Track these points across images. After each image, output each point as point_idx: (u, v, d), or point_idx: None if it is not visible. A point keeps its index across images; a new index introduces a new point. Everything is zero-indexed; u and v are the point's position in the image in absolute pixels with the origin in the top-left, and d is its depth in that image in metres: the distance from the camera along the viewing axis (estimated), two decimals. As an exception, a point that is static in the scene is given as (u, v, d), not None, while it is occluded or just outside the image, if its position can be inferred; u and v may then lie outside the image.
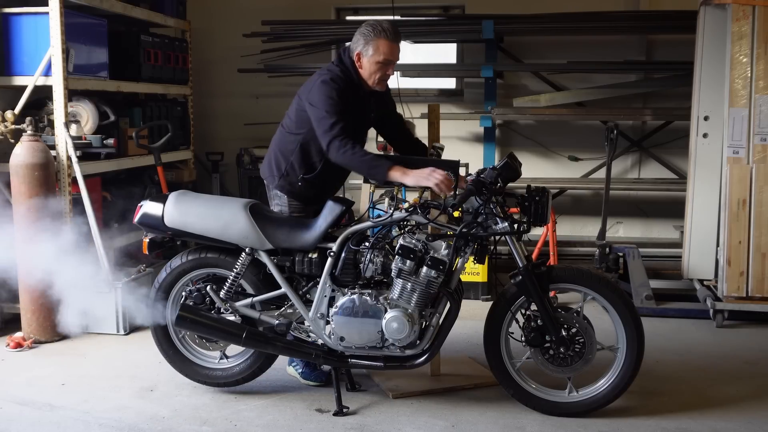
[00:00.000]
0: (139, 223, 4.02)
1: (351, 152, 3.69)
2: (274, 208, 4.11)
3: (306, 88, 3.95)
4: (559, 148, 7.33)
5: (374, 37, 3.83)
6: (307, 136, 3.93)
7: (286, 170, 4.01)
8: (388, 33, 3.84)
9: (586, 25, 6.78)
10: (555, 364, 3.81)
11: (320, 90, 3.79)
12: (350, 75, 3.90)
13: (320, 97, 3.77)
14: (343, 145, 3.69)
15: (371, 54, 3.85)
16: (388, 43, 3.85)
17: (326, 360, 3.91)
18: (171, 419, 3.83)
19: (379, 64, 3.86)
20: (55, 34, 5.00)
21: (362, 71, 3.90)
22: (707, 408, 3.99)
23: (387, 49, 3.85)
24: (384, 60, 3.86)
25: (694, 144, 5.73)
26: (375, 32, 3.84)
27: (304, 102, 3.89)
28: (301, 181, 3.98)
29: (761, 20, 5.30)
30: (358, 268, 3.79)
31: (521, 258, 3.76)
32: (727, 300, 5.33)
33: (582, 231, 7.27)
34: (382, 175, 3.67)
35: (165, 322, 4.09)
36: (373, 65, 3.87)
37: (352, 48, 3.91)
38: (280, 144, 4.09)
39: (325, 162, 3.93)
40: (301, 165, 3.98)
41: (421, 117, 7.07)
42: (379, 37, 3.83)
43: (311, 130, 3.87)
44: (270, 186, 4.13)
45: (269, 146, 4.18)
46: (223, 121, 7.72)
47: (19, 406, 3.96)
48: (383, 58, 3.85)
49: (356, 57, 3.88)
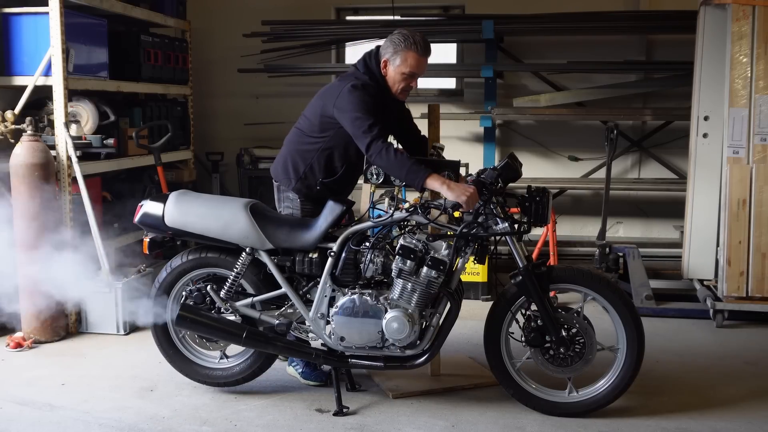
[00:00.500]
0: (139, 222, 4.02)
1: (393, 155, 3.67)
2: (284, 210, 4.10)
3: (331, 93, 3.90)
4: (559, 148, 7.33)
5: (404, 48, 3.84)
6: (331, 142, 3.92)
7: (305, 173, 3.99)
8: (418, 46, 3.85)
9: (586, 25, 6.78)
10: (555, 364, 3.81)
11: (351, 95, 3.77)
12: (377, 80, 3.91)
13: (353, 102, 3.75)
14: (385, 147, 3.68)
15: (398, 64, 3.86)
16: (416, 57, 3.85)
17: (326, 360, 3.91)
18: (171, 419, 3.83)
19: (405, 75, 3.87)
20: (55, 34, 5.00)
21: (387, 78, 3.92)
22: (707, 408, 3.99)
23: (415, 62, 3.86)
24: (410, 72, 3.87)
25: (694, 144, 5.74)
26: (406, 43, 3.84)
27: (332, 108, 3.85)
28: (320, 185, 3.97)
29: (761, 20, 5.30)
30: (359, 268, 3.79)
31: (521, 258, 3.76)
32: (727, 300, 5.33)
33: (582, 231, 7.27)
34: (420, 181, 3.65)
35: (165, 321, 4.09)
36: (398, 75, 3.88)
37: (381, 54, 3.91)
38: (297, 146, 4.05)
39: (347, 167, 3.95)
40: (321, 169, 3.97)
41: (421, 117, 7.05)
42: (409, 49, 3.84)
43: (336, 135, 3.88)
44: (283, 188, 4.11)
45: (283, 147, 4.14)
46: (223, 121, 7.72)
47: (19, 406, 3.96)
48: (409, 70, 3.86)
49: (383, 64, 3.89)
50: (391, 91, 3.94)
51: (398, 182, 3.77)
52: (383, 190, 4.78)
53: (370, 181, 3.83)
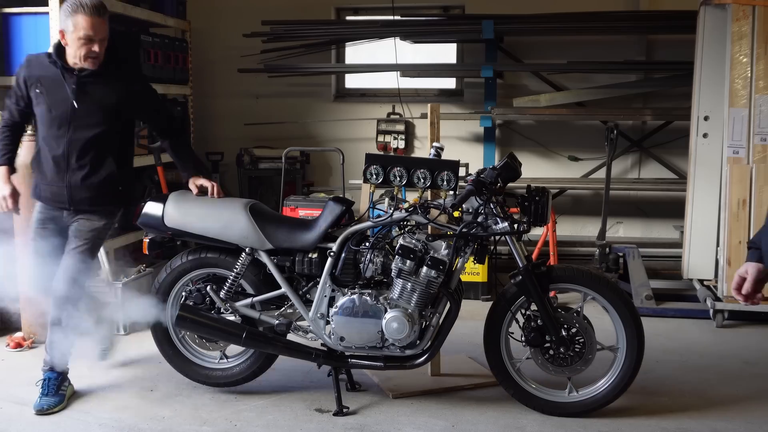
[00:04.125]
0: (139, 223, 4.02)
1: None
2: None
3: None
4: (559, 148, 7.33)
5: (72, 13, 3.69)
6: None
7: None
8: (85, 8, 3.67)
9: (586, 25, 6.77)
10: (555, 364, 3.81)
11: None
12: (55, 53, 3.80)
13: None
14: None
15: (72, 30, 3.70)
16: (87, 18, 3.68)
17: (326, 360, 3.91)
18: (171, 419, 3.83)
19: (82, 40, 3.70)
20: (55, 34, 4.99)
21: (68, 50, 3.78)
22: (707, 408, 3.99)
23: (87, 24, 3.68)
24: (85, 36, 3.69)
25: (694, 144, 5.74)
26: (73, 8, 3.69)
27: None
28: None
29: (761, 20, 5.31)
30: (358, 268, 3.79)
31: (521, 258, 3.76)
32: (727, 300, 5.33)
33: (582, 231, 7.27)
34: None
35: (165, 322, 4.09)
36: (76, 42, 3.71)
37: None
38: None
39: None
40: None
41: (421, 117, 7.09)
42: (78, 12, 3.67)
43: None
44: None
45: None
46: (223, 121, 7.72)
47: (19, 406, 3.95)
48: (84, 33, 3.69)
49: (60, 35, 3.76)
50: (80, 62, 3.74)
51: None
52: (383, 190, 4.79)
53: (370, 181, 3.83)
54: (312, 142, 7.41)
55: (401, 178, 3.75)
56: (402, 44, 7.12)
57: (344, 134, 7.42)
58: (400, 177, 3.75)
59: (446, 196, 3.88)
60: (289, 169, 6.70)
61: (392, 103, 7.39)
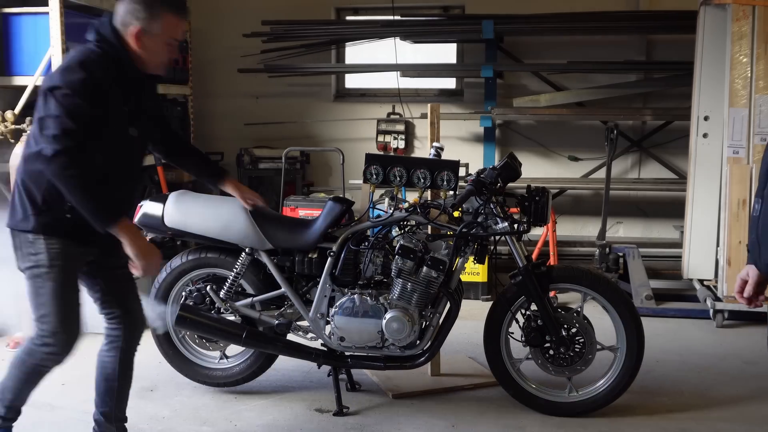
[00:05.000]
0: (139, 223, 4.01)
1: (82, 180, 2.86)
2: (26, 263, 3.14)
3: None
4: (559, 148, 7.32)
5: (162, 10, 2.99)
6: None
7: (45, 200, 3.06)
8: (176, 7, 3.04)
9: (586, 25, 6.77)
10: (555, 364, 3.81)
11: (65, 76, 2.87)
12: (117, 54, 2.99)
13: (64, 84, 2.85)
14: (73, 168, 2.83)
15: (160, 32, 2.99)
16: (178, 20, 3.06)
17: (326, 360, 3.91)
18: (171, 419, 3.83)
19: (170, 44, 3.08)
20: (55, 34, 5.00)
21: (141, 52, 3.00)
22: (707, 408, 3.99)
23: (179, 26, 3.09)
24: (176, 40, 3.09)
25: (694, 144, 5.74)
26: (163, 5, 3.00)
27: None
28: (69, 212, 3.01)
29: (761, 20, 5.30)
30: (358, 268, 3.79)
31: (521, 258, 3.76)
32: (727, 300, 5.33)
33: (582, 231, 7.27)
34: (104, 225, 2.92)
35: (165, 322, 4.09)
36: (162, 46, 3.05)
37: (127, 21, 2.96)
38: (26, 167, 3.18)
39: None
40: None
41: (421, 117, 7.09)
42: (169, 11, 3.01)
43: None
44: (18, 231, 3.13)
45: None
46: (223, 121, 7.71)
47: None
48: (176, 37, 3.08)
49: (136, 34, 2.96)
50: (149, 67, 3.07)
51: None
52: (383, 190, 4.79)
53: (370, 181, 3.83)
54: (312, 142, 7.41)
55: (401, 178, 3.76)
56: (402, 44, 7.12)
57: (344, 134, 7.42)
58: (400, 177, 3.75)
59: (446, 196, 3.89)
60: (289, 169, 6.70)
61: (392, 103, 7.39)
